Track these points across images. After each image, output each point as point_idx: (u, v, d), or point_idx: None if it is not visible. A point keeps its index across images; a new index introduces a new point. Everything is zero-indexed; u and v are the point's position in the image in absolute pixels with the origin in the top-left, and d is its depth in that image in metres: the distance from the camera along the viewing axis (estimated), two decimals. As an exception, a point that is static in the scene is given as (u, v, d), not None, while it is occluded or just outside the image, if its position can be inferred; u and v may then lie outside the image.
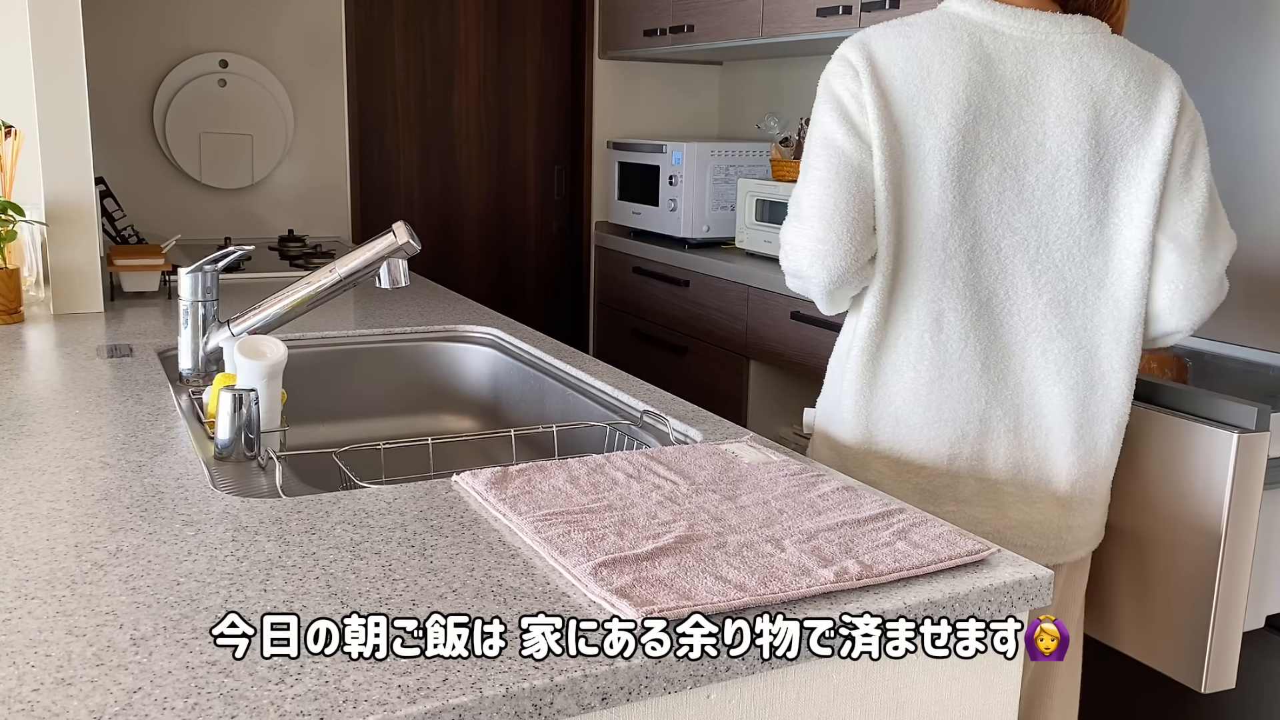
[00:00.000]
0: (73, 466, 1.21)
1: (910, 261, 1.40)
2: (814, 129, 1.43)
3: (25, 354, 1.76)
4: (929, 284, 1.40)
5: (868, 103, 1.37)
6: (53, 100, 2.03)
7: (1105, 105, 1.38)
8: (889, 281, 1.41)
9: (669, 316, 3.41)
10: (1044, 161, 1.38)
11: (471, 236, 3.93)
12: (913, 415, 1.43)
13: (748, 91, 3.95)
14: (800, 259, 1.41)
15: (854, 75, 1.39)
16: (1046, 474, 1.44)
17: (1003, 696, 1.00)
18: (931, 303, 1.40)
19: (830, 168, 1.39)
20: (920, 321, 1.41)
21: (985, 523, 1.44)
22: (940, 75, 1.37)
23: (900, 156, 1.38)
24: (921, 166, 1.38)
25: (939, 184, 1.37)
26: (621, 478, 1.16)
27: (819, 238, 1.38)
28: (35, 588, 0.90)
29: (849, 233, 1.37)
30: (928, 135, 1.37)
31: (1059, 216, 1.40)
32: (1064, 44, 1.39)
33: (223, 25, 3.41)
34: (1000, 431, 1.42)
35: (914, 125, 1.37)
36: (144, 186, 3.37)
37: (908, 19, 1.44)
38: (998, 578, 0.97)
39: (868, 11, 2.69)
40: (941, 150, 1.37)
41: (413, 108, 3.76)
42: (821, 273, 1.39)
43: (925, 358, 1.41)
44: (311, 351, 1.90)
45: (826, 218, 1.38)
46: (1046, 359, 1.42)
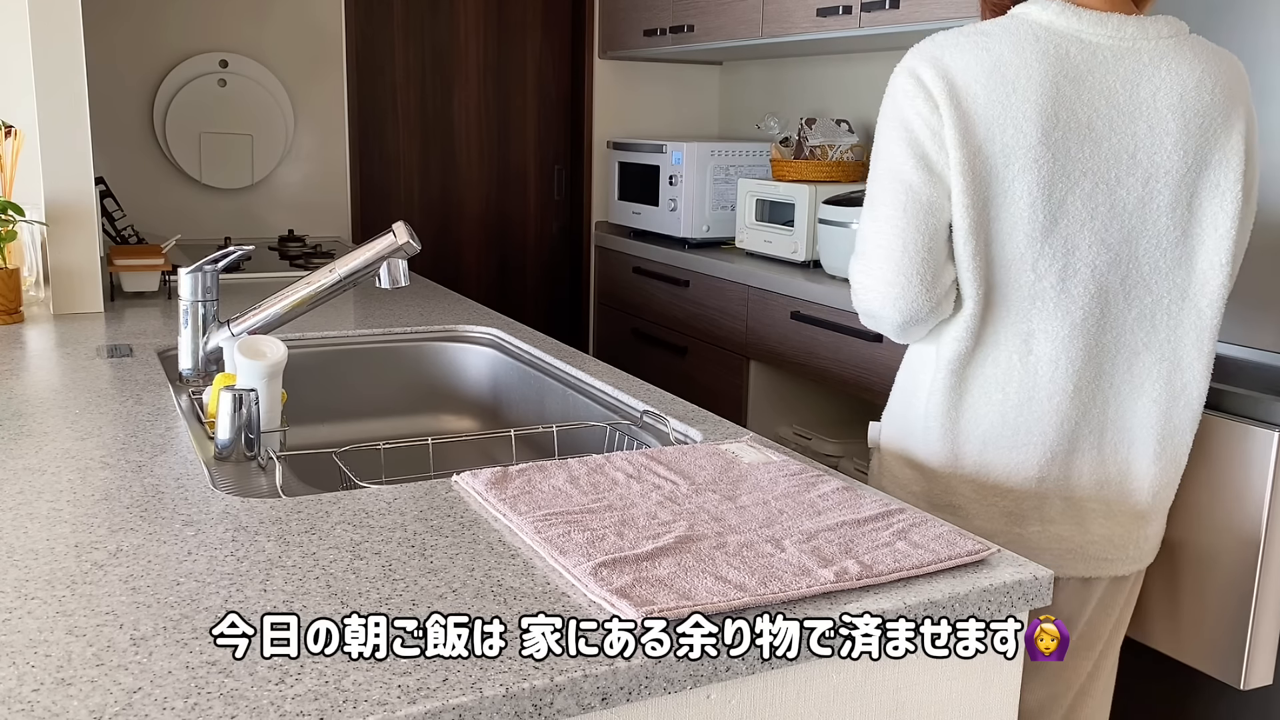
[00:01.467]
0: (73, 466, 1.21)
1: (1001, 285, 1.35)
2: (880, 156, 1.37)
3: (25, 354, 1.76)
4: (1018, 306, 1.35)
5: (947, 127, 1.30)
6: (53, 100, 2.03)
7: (1193, 114, 1.33)
8: (977, 306, 1.36)
9: (669, 316, 3.41)
10: (1135, 174, 1.33)
11: (471, 236, 3.93)
12: (1000, 438, 1.39)
13: (748, 91, 3.95)
14: (870, 300, 1.37)
15: (926, 98, 1.32)
16: (1129, 487, 1.41)
17: (1003, 696, 1.00)
18: (1020, 324, 1.36)
19: (898, 204, 1.33)
20: (1009, 344, 1.37)
21: (1068, 539, 1.42)
22: (1026, 90, 1.30)
23: (986, 179, 1.31)
24: (1010, 188, 1.31)
25: (1029, 204, 1.31)
26: (621, 478, 1.16)
27: (887, 280, 1.34)
28: (35, 588, 0.90)
29: (918, 274, 1.32)
30: (1016, 155, 1.30)
31: (1148, 230, 1.35)
32: (1151, 50, 1.34)
33: (223, 25, 3.41)
34: (1086, 449, 1.39)
35: (1001, 145, 1.30)
36: (144, 186, 3.37)
37: (981, 27, 1.36)
38: (998, 578, 0.97)
39: (867, 11, 2.69)
40: (1032, 170, 1.30)
41: (413, 108, 3.76)
42: (894, 314, 1.35)
43: (1014, 380, 1.37)
44: (311, 351, 1.90)
45: (895, 260, 1.33)
46: (1133, 373, 1.38)
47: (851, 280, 1.41)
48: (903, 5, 2.58)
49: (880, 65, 3.25)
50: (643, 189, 3.60)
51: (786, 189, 3.03)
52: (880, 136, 1.38)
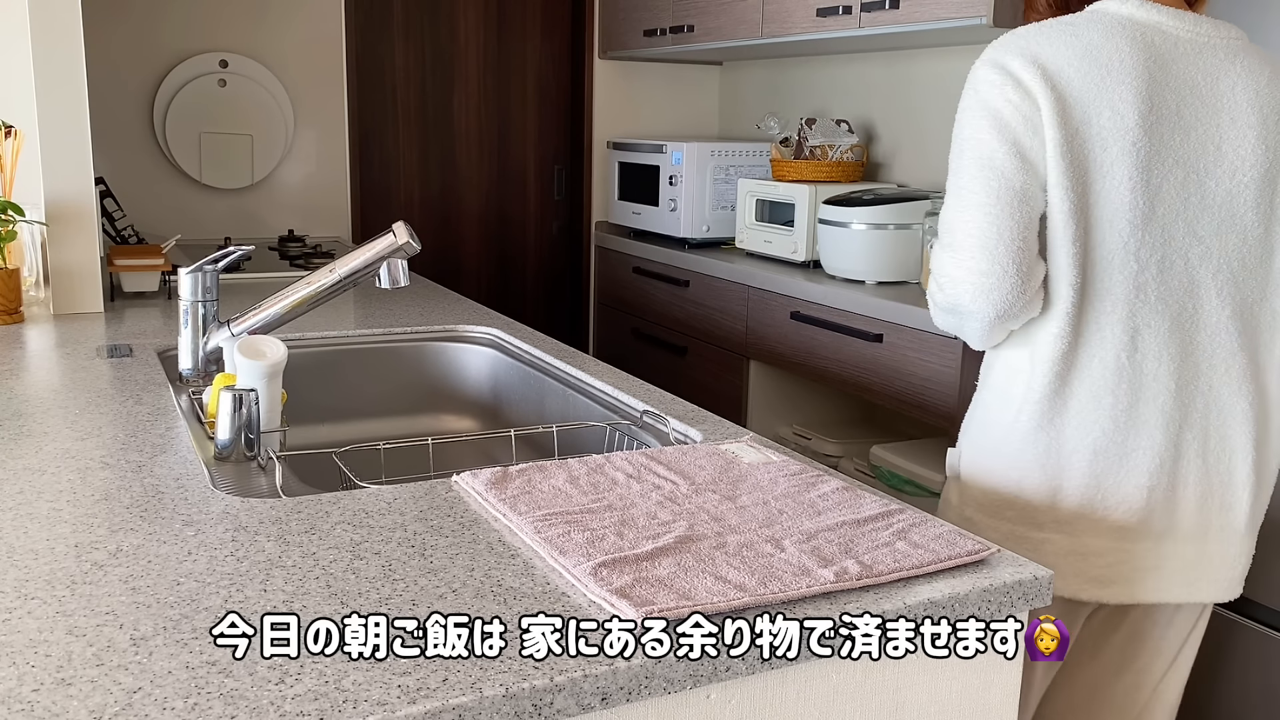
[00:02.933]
0: (73, 466, 1.21)
1: (1101, 275, 1.30)
2: (966, 145, 1.32)
3: (25, 354, 1.76)
4: (1124, 298, 1.30)
5: (1043, 109, 1.27)
6: (53, 100, 2.03)
7: (1270, 110, 1.33)
8: (1076, 296, 1.30)
9: (669, 316, 3.41)
10: (1222, 166, 1.31)
11: (471, 237, 3.93)
12: (1111, 445, 1.31)
13: (748, 91, 3.95)
14: (961, 293, 1.31)
15: (1016, 85, 1.28)
16: (1230, 499, 1.36)
17: (1003, 696, 1.00)
18: (1128, 319, 1.30)
19: (990, 191, 1.28)
20: (1116, 339, 1.30)
21: (1176, 557, 1.35)
22: (1121, 74, 1.28)
23: (1084, 162, 1.28)
24: (1110, 171, 1.28)
25: (1129, 189, 1.28)
26: (621, 478, 1.16)
27: (981, 270, 1.28)
28: (35, 588, 0.90)
29: (1014, 263, 1.27)
30: (1114, 138, 1.27)
31: (1236, 224, 1.32)
32: (1224, 48, 1.34)
33: (223, 25, 3.41)
34: (1191, 456, 1.33)
35: (1099, 128, 1.27)
36: (144, 186, 3.37)
37: (1065, 20, 1.34)
38: (998, 578, 0.97)
39: (867, 11, 2.69)
40: (1130, 154, 1.27)
41: (413, 108, 3.76)
42: (986, 307, 1.29)
43: (1124, 380, 1.30)
44: (311, 351, 1.90)
45: (989, 247, 1.27)
46: (1230, 375, 1.34)
47: (937, 274, 1.35)
48: (903, 5, 2.58)
49: (880, 65, 3.25)
50: (643, 189, 3.60)
51: (786, 189, 3.02)
52: (964, 128, 1.33)
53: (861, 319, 2.56)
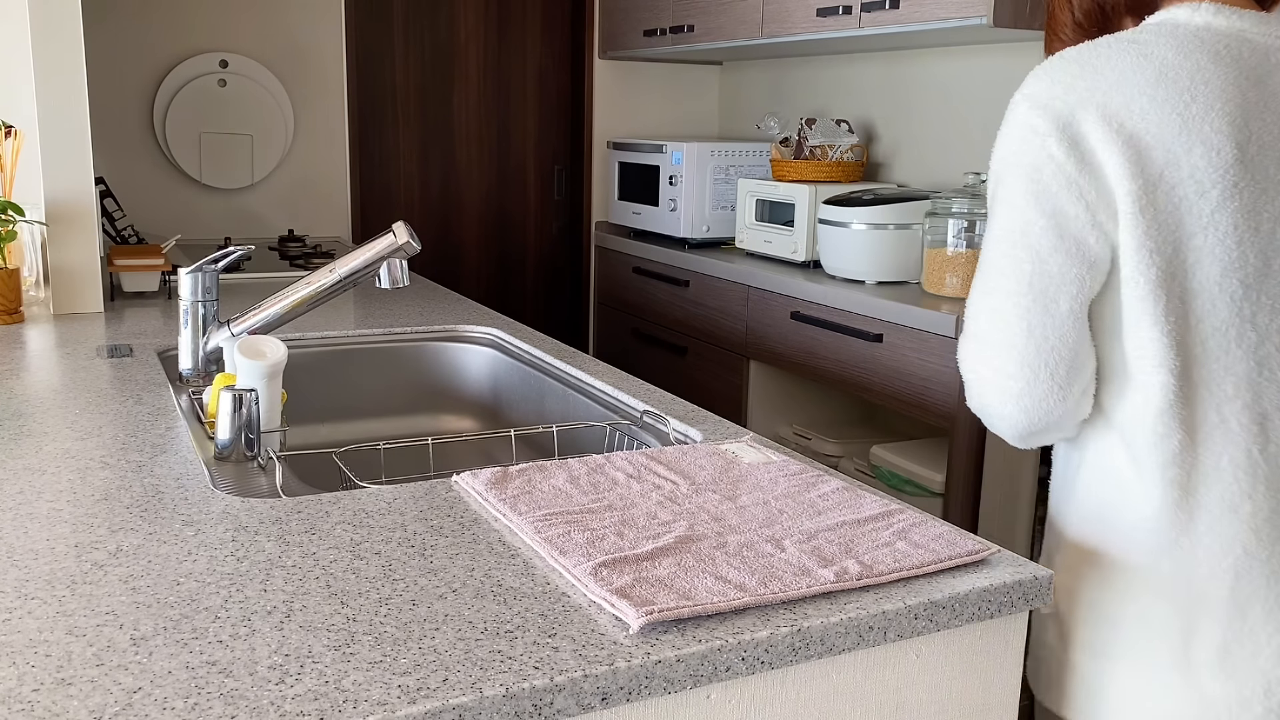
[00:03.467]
0: (73, 466, 1.21)
1: (1212, 354, 1.05)
2: (997, 209, 1.09)
3: (25, 354, 1.76)
4: (1246, 377, 1.05)
5: (1108, 163, 1.03)
6: (53, 100, 2.04)
7: None
8: (1180, 384, 1.05)
9: (669, 316, 3.41)
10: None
11: (471, 237, 3.93)
12: (1254, 563, 1.05)
13: (748, 91, 3.95)
14: (987, 395, 1.10)
15: (1063, 133, 1.04)
16: None
17: (1003, 696, 1.00)
18: (1253, 404, 1.05)
19: (1020, 276, 1.05)
20: (1244, 430, 1.05)
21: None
22: (1209, 99, 1.03)
23: (1175, 216, 1.03)
24: (1211, 223, 1.03)
25: (1236, 242, 1.04)
26: (621, 478, 1.16)
27: (1008, 373, 1.06)
28: (35, 588, 0.90)
29: (1047, 366, 1.05)
30: (1213, 181, 1.03)
31: None
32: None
33: (223, 25, 3.41)
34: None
35: (1190, 170, 1.03)
36: (144, 186, 3.37)
37: (1127, 35, 1.10)
38: (998, 578, 0.97)
39: (867, 11, 2.68)
40: (1234, 198, 1.03)
41: (413, 108, 3.76)
42: (1017, 415, 1.08)
43: (1260, 480, 1.05)
44: (311, 351, 1.90)
45: (1016, 346, 1.06)
46: None
47: (961, 365, 1.13)
48: (903, 5, 2.58)
49: (880, 65, 3.25)
50: (643, 189, 3.60)
51: (786, 189, 3.03)
52: (999, 184, 1.10)
53: (861, 319, 2.56)
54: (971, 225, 2.44)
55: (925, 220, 2.60)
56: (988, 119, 2.95)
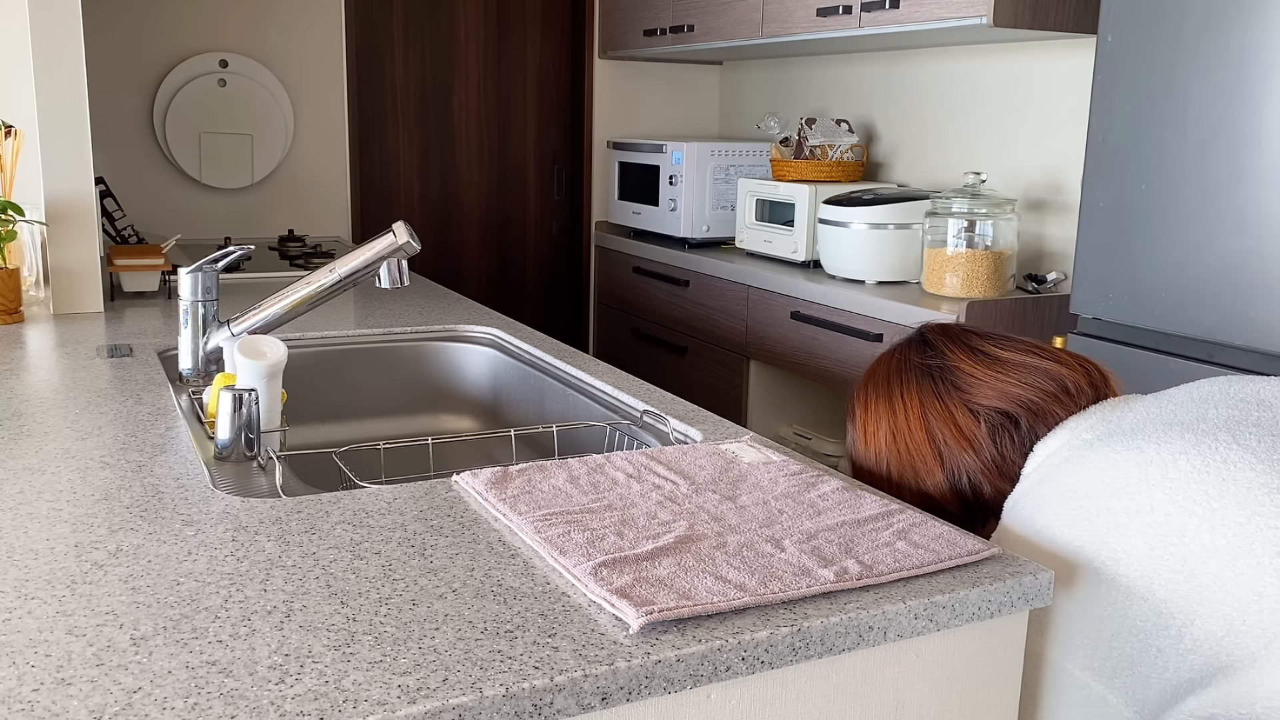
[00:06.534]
0: (73, 466, 1.21)
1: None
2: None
3: (25, 354, 1.76)
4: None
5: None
6: (53, 100, 2.04)
7: None
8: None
9: (669, 316, 3.41)
10: None
11: (471, 236, 3.93)
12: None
13: (748, 91, 3.95)
14: None
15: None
16: None
17: (1003, 696, 1.00)
18: None
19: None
20: None
21: None
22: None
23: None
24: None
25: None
26: (621, 478, 1.16)
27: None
28: (35, 588, 0.90)
29: None
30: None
31: None
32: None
33: (223, 25, 3.41)
34: None
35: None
36: (144, 186, 3.37)
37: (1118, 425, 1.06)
38: (998, 578, 0.97)
39: (867, 11, 2.69)
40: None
41: (413, 108, 3.76)
42: None
43: None
44: (311, 351, 1.90)
45: None
46: None
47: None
48: (903, 5, 2.58)
49: (880, 65, 3.25)
50: (643, 189, 3.60)
51: (786, 189, 3.03)
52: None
53: (861, 319, 2.56)
54: (971, 225, 2.44)
55: (925, 220, 2.60)
56: (988, 119, 2.95)
